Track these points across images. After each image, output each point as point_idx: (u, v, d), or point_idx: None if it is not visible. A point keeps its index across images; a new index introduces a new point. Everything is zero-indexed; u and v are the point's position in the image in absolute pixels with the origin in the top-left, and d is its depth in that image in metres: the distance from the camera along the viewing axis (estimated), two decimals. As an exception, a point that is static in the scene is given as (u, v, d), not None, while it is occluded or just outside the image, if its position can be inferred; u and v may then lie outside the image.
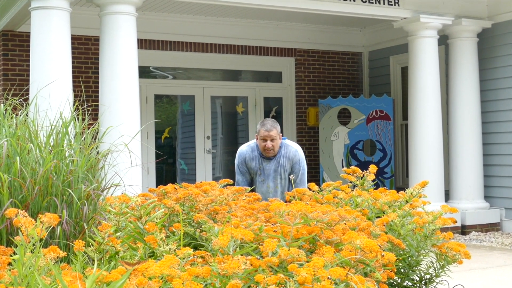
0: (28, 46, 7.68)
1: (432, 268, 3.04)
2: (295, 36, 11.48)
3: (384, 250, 2.65)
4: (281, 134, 5.61)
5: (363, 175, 3.84)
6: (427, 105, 9.47)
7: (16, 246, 2.24)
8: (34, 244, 2.21)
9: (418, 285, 3.05)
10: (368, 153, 11.30)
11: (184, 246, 2.69)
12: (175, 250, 2.52)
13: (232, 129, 11.89)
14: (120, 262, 2.33)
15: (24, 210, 2.29)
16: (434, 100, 9.49)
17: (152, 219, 2.73)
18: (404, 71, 11.21)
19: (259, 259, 2.32)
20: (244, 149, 5.71)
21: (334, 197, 3.57)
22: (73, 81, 7.29)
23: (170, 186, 3.47)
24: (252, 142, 5.73)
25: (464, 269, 3.77)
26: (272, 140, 5.50)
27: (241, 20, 10.90)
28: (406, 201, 3.49)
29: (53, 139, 3.08)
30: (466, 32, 9.82)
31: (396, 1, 9.40)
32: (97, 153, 3.22)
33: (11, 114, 3.24)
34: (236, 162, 5.71)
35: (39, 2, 7.11)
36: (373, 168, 3.83)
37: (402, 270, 3.03)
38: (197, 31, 10.65)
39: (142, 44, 10.06)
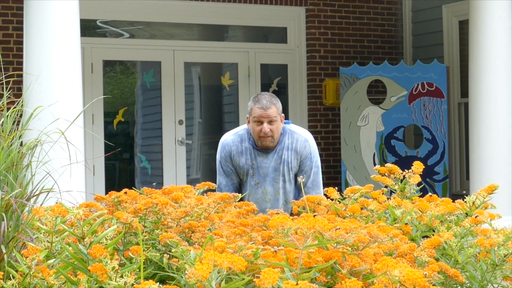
0: None
1: (503, 310, 3.06)
2: (306, -24, 11.49)
3: (434, 285, 2.66)
4: (283, 115, 5.59)
5: (404, 177, 3.84)
6: (497, 76, 9.46)
7: None
8: None
9: (482, 334, 3.06)
10: (411, 145, 11.32)
11: (146, 278, 2.69)
12: (132, 284, 2.52)
13: (215, 110, 11.89)
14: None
15: None
16: (507, 68, 9.49)
17: (99, 239, 2.73)
18: (463, 27, 11.21)
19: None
20: (229, 138, 5.69)
21: (362, 208, 3.57)
22: (-14, 41, 7.28)
23: (126, 193, 3.46)
24: (241, 129, 5.72)
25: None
26: (270, 122, 5.45)
27: (229, -48, 10.91)
28: (466, 214, 3.50)
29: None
30: (552, -29, 9.82)
31: None
32: (21, 144, 3.21)
33: None
34: (218, 157, 5.69)
35: None
36: (418, 167, 3.84)
37: (460, 313, 3.05)
38: (165, -31, 10.65)
39: (86, -13, 10.05)
